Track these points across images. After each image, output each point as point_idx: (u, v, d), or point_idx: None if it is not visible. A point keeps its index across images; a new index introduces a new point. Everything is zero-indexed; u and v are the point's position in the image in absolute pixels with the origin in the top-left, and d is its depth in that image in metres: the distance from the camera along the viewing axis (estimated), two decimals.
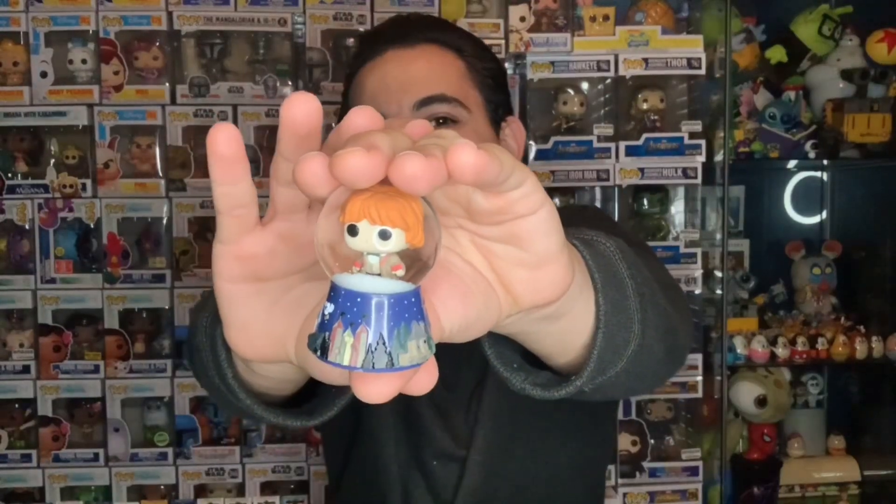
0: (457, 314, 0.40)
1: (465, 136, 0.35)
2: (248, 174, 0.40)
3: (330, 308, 0.35)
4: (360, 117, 0.39)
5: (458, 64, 0.93)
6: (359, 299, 0.35)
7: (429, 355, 0.36)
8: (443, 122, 0.90)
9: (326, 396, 0.64)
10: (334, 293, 0.35)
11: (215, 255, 0.43)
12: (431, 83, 0.90)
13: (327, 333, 0.35)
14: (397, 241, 0.34)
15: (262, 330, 0.45)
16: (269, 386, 0.61)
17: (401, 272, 0.35)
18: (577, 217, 1.05)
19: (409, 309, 0.35)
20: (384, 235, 0.34)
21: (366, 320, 0.34)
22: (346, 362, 0.35)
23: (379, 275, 0.35)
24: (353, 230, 0.34)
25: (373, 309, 0.34)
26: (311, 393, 0.66)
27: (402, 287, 0.35)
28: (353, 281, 0.35)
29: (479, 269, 0.42)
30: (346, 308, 0.35)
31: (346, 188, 0.35)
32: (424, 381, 0.38)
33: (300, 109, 0.37)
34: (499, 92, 0.97)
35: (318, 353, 0.36)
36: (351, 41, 1.58)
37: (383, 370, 0.35)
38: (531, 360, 0.60)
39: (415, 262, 0.36)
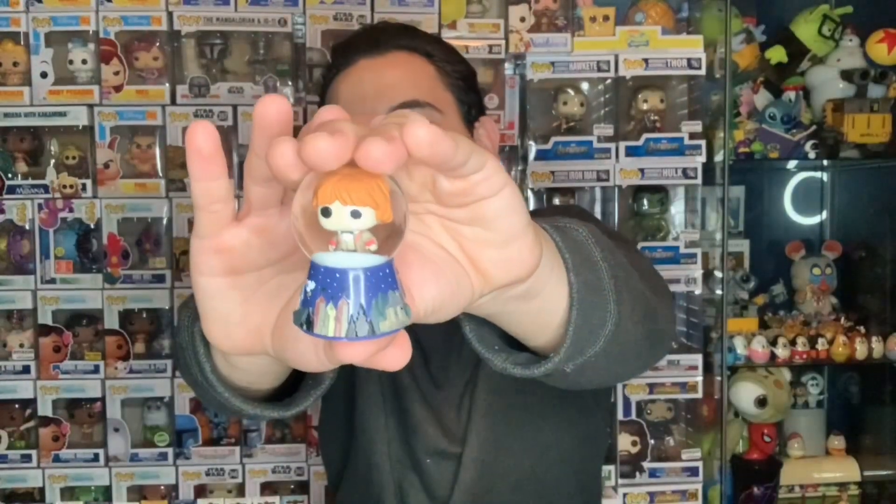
0: (430, 295, 0.43)
1: None
2: (225, 171, 0.42)
3: (311, 285, 0.38)
4: (328, 114, 0.41)
5: (428, 69, 0.95)
6: (337, 275, 0.37)
7: (407, 321, 0.39)
8: None
9: (304, 389, 0.66)
10: (314, 271, 0.38)
11: (193, 249, 0.45)
12: (404, 89, 0.91)
13: (311, 309, 0.38)
14: (368, 218, 0.37)
15: (239, 322, 0.47)
16: (250, 380, 0.62)
17: (374, 247, 0.38)
18: (560, 215, 1.06)
19: (384, 280, 0.38)
20: (356, 214, 0.36)
21: (346, 293, 0.37)
22: (330, 333, 0.37)
23: (354, 250, 0.38)
24: (326, 212, 0.37)
25: (351, 282, 0.37)
26: (293, 388, 0.68)
27: (377, 260, 0.38)
28: (331, 258, 0.38)
29: (449, 252, 0.45)
30: (327, 284, 0.37)
31: (316, 173, 0.37)
32: (397, 355, 0.40)
33: (272, 108, 0.40)
34: (470, 93, 0.99)
35: (304, 327, 0.38)
36: None
37: (366, 338, 0.38)
38: (512, 345, 0.62)
39: (386, 236, 0.39)
